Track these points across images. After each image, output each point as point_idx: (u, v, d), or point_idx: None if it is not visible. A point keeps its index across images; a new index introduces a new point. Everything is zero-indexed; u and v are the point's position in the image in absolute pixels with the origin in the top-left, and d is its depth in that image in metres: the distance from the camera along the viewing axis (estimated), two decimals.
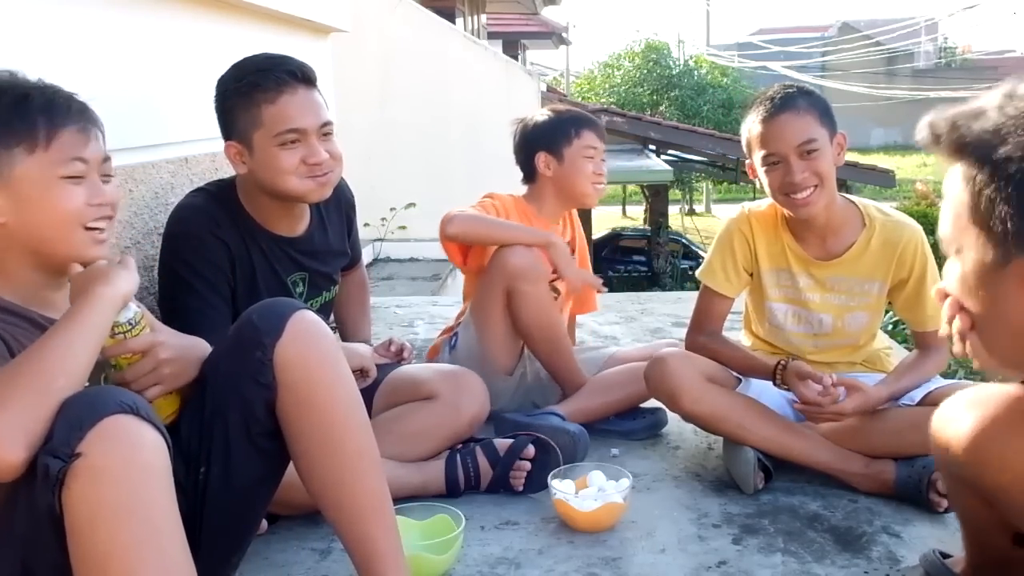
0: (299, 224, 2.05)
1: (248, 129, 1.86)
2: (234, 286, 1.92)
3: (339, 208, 2.21)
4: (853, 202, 2.08)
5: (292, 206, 1.99)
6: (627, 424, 2.32)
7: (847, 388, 1.92)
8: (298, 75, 1.87)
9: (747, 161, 2.06)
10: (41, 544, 1.11)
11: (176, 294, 1.89)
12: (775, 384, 2.01)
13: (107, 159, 1.37)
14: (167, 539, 1.12)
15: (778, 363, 1.99)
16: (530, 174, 2.53)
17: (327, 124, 1.91)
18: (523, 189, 2.58)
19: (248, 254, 1.94)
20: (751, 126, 2.00)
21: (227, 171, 2.58)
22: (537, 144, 2.50)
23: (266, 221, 1.98)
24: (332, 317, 2.33)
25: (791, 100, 1.94)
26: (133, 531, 1.08)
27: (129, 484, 1.09)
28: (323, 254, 2.12)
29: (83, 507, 1.07)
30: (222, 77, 1.92)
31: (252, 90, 1.84)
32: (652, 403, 2.25)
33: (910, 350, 2.24)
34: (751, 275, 2.13)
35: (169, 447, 1.16)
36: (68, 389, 1.14)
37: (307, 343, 1.40)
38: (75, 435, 1.08)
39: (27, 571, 1.14)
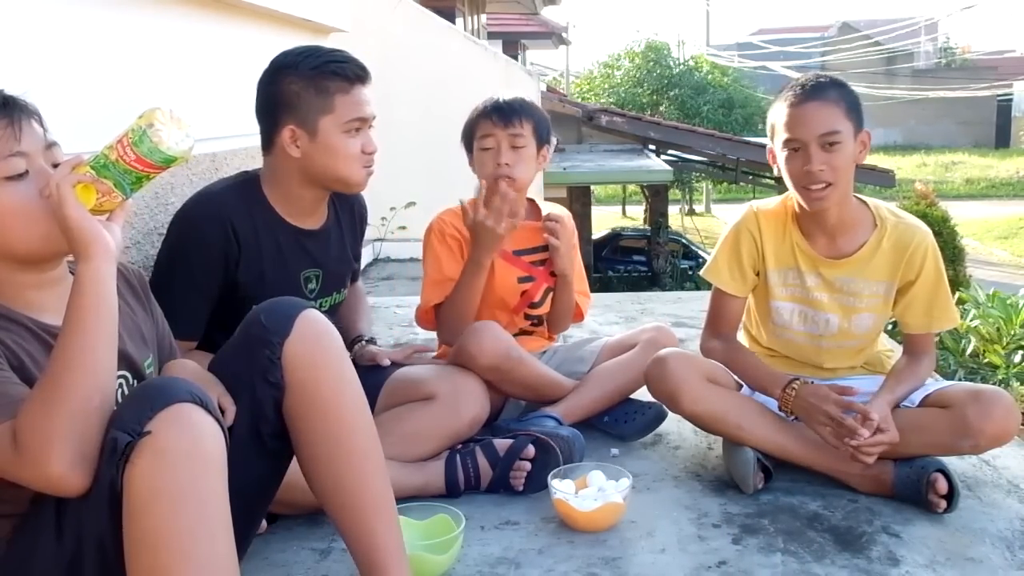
0: (318, 218, 2.10)
1: (314, 114, 1.92)
2: (236, 279, 1.96)
3: (352, 216, 2.25)
4: (865, 202, 2.07)
5: (318, 200, 2.05)
6: (622, 427, 2.31)
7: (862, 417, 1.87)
8: (365, 70, 1.99)
9: (768, 146, 2.05)
10: (94, 518, 1.13)
11: (165, 274, 1.96)
12: (780, 408, 2.00)
13: (51, 145, 1.31)
14: (219, 528, 1.15)
15: (788, 384, 1.96)
16: None
17: (375, 117, 2.02)
18: None
19: (258, 246, 1.97)
20: (778, 110, 1.98)
21: (225, 172, 2.58)
22: (465, 144, 2.36)
23: (287, 212, 2.02)
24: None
25: (821, 89, 1.94)
26: (189, 515, 1.11)
27: (191, 469, 1.12)
28: (337, 252, 2.17)
29: (144, 485, 1.10)
30: (282, 62, 1.96)
31: (325, 78, 1.92)
32: (647, 398, 2.24)
33: None
34: (758, 275, 2.11)
35: (227, 441, 1.18)
36: (104, 400, 1.16)
37: (315, 342, 1.41)
38: (146, 414, 1.11)
39: (78, 552, 1.16)
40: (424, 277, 2.31)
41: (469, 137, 2.32)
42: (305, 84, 1.92)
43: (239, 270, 1.96)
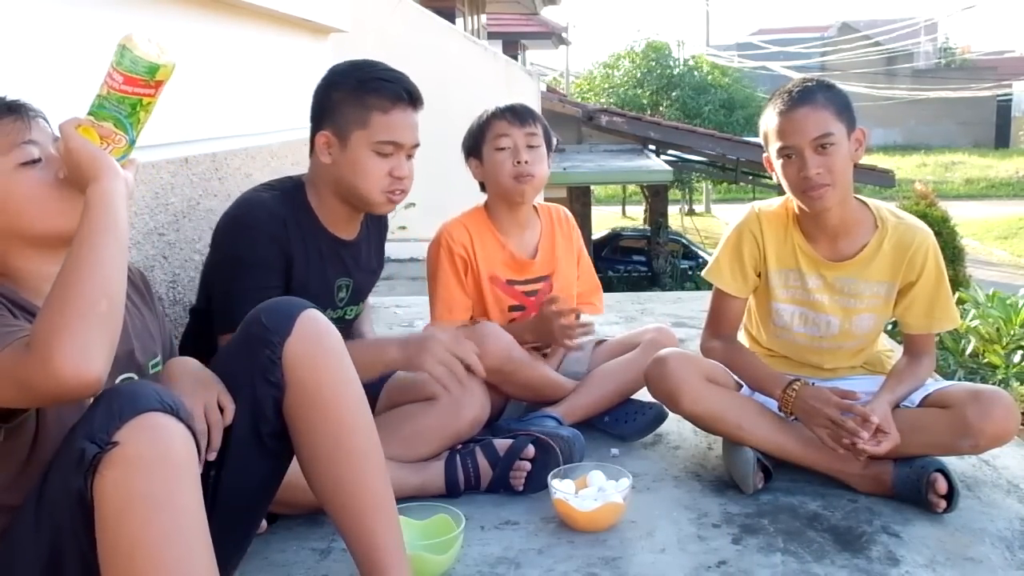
0: (354, 230, 2.09)
1: (349, 126, 1.92)
2: (289, 282, 1.95)
3: (380, 229, 2.25)
4: (866, 203, 2.07)
5: (353, 210, 2.03)
6: (622, 427, 2.31)
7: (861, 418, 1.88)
8: (413, 95, 1.95)
9: (764, 154, 2.05)
10: (70, 529, 1.13)
11: (233, 280, 1.89)
12: (780, 408, 2.00)
13: (57, 139, 1.34)
14: (193, 535, 1.14)
15: (788, 385, 1.97)
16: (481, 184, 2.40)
17: (417, 146, 1.98)
18: None
19: (306, 256, 1.97)
20: (769, 118, 1.99)
21: (225, 172, 2.59)
22: (468, 151, 2.36)
23: (328, 221, 2.02)
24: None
25: (810, 93, 1.94)
26: (162, 523, 1.10)
27: (161, 477, 1.11)
28: (367, 264, 2.18)
29: (115, 495, 1.09)
30: (337, 68, 1.98)
31: (368, 93, 1.91)
32: (647, 398, 2.24)
33: None
34: (759, 276, 2.12)
35: (199, 449, 1.17)
36: (112, 308, 1.16)
37: (316, 342, 1.41)
38: (114, 424, 1.10)
39: (56, 555, 1.15)
40: (432, 294, 2.31)
41: (477, 141, 2.31)
42: (348, 94, 1.92)
43: (290, 276, 1.95)
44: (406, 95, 1.93)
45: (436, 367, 1.80)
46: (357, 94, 1.91)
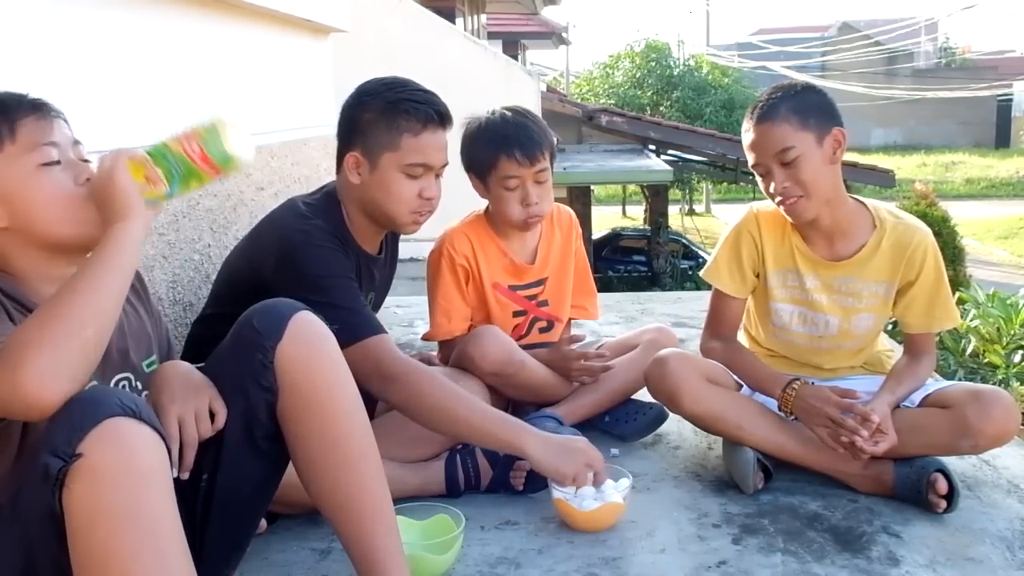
0: (378, 244, 2.10)
1: (379, 147, 1.90)
2: None
3: (395, 242, 2.25)
4: (864, 204, 2.07)
5: (379, 227, 2.03)
6: (623, 428, 2.31)
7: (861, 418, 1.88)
8: (444, 116, 1.93)
9: None
10: (43, 542, 1.11)
11: (325, 292, 1.81)
12: (780, 408, 2.00)
13: (77, 142, 1.35)
14: (166, 542, 1.12)
15: (788, 384, 1.97)
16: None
17: (446, 165, 1.97)
18: None
19: (354, 273, 1.97)
20: (743, 134, 2.02)
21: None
22: (468, 166, 2.29)
23: (359, 236, 2.02)
24: None
25: (770, 109, 1.93)
26: (133, 533, 1.08)
27: (129, 486, 1.08)
28: (388, 276, 2.19)
29: (83, 508, 1.07)
30: (367, 88, 1.95)
31: (398, 115, 1.89)
32: (647, 398, 2.24)
33: None
34: (757, 276, 2.12)
35: (169, 451, 1.16)
36: (97, 338, 1.16)
37: (308, 345, 1.39)
38: (76, 435, 1.07)
39: (30, 568, 1.14)
40: (432, 301, 2.31)
41: (482, 168, 2.24)
42: (378, 115, 1.90)
43: None
44: (436, 116, 1.91)
45: (569, 479, 1.77)
46: (387, 116, 1.89)
